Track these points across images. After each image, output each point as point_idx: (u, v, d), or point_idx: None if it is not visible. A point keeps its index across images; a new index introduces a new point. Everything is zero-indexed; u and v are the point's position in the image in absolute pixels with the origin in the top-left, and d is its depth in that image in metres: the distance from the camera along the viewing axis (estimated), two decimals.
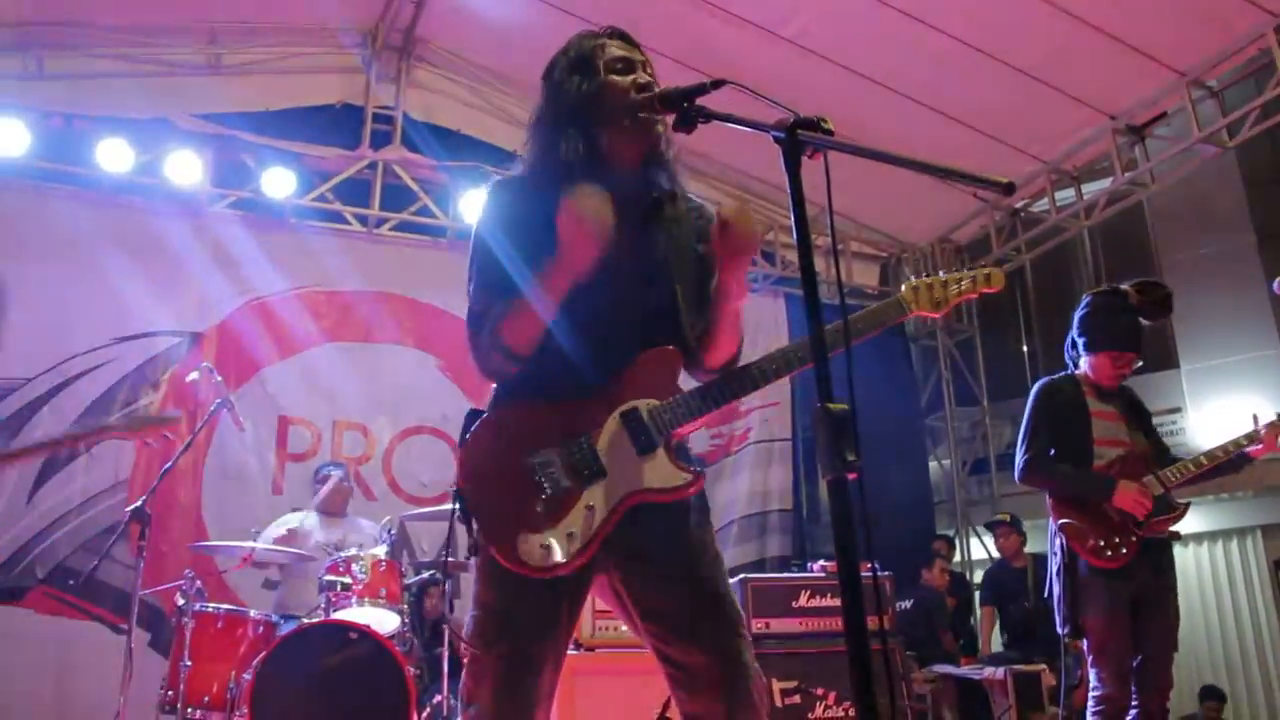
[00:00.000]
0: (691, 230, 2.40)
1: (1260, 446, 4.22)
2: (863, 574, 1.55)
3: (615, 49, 2.33)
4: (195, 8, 7.73)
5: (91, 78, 7.41)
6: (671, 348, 2.29)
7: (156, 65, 7.67)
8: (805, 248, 1.60)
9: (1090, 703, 4.09)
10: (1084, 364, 4.43)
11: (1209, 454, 4.25)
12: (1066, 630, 4.19)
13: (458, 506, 2.22)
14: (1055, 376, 4.50)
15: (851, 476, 1.51)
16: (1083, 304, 4.49)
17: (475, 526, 2.21)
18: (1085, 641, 4.14)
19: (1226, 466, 4.28)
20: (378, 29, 8.23)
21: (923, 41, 7.25)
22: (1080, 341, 4.43)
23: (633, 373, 2.25)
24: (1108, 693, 4.03)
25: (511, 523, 2.16)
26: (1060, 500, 4.29)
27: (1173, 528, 4.25)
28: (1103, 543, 4.12)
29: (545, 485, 2.18)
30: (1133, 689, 4.09)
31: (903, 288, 2.44)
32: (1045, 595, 4.40)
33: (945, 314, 2.47)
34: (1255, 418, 4.26)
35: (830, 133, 1.64)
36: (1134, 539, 4.10)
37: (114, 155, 7.29)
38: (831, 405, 1.51)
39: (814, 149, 1.66)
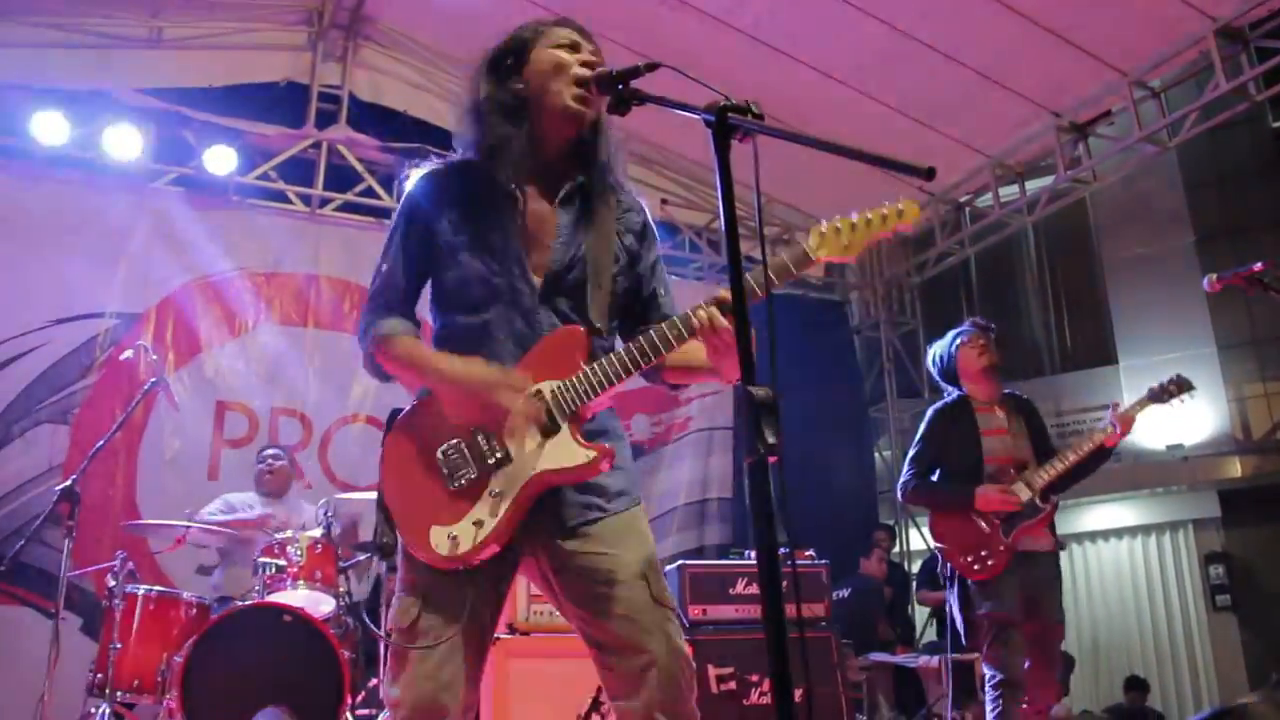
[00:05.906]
0: (616, 222, 2.39)
1: (1117, 433, 4.34)
2: (793, 563, 1.55)
3: (563, 35, 2.33)
4: None
5: (27, 47, 7.16)
6: (578, 327, 2.26)
7: (96, 36, 7.44)
8: (731, 225, 1.61)
9: (988, 692, 4.22)
10: (959, 381, 4.67)
11: (1071, 449, 4.41)
12: (964, 639, 4.46)
13: (378, 504, 2.25)
14: (946, 400, 4.70)
15: (772, 460, 1.50)
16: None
17: (392, 520, 2.23)
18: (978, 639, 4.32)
19: (1094, 461, 4.41)
20: (324, 6, 8.10)
21: (872, 35, 7.29)
22: (939, 365, 4.74)
23: (538, 355, 2.24)
24: (1003, 678, 4.18)
25: (421, 515, 2.19)
26: (935, 518, 4.56)
27: (1047, 536, 4.41)
28: (970, 557, 4.32)
29: (452, 475, 2.19)
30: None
31: (810, 236, 2.20)
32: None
33: (856, 256, 2.40)
34: (1114, 405, 4.45)
35: (760, 117, 1.64)
36: (1002, 548, 4.26)
37: (49, 127, 7.09)
38: (753, 388, 1.51)
39: (743, 132, 1.66)
